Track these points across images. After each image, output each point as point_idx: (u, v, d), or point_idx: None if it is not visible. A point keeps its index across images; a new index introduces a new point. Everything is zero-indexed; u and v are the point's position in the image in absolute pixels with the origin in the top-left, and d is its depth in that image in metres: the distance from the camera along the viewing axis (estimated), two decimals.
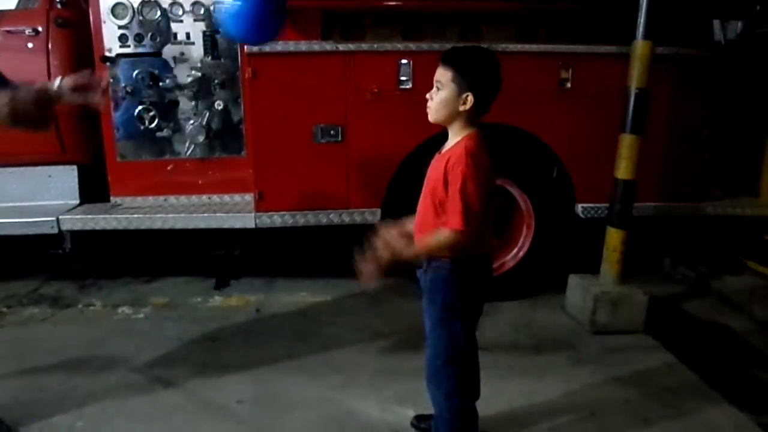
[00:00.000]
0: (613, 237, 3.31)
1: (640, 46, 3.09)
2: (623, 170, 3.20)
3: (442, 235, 1.91)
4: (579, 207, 3.63)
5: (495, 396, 2.54)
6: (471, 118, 1.96)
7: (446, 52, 1.97)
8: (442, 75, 1.93)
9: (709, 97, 3.63)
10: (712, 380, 2.84)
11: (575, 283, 3.53)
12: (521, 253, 3.72)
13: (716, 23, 3.75)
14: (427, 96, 1.98)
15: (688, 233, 4.29)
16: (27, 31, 3.61)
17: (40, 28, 3.62)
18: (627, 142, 3.17)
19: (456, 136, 1.98)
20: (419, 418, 2.45)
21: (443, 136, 2.04)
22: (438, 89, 1.94)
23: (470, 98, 1.90)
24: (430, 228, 1.99)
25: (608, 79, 3.42)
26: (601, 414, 2.58)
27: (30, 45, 3.62)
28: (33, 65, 3.62)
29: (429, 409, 2.25)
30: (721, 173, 3.90)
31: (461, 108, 1.92)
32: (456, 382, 2.09)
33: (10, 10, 3.72)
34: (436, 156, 2.05)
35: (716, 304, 3.79)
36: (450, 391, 2.09)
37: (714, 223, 3.97)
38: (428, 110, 1.99)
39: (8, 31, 3.62)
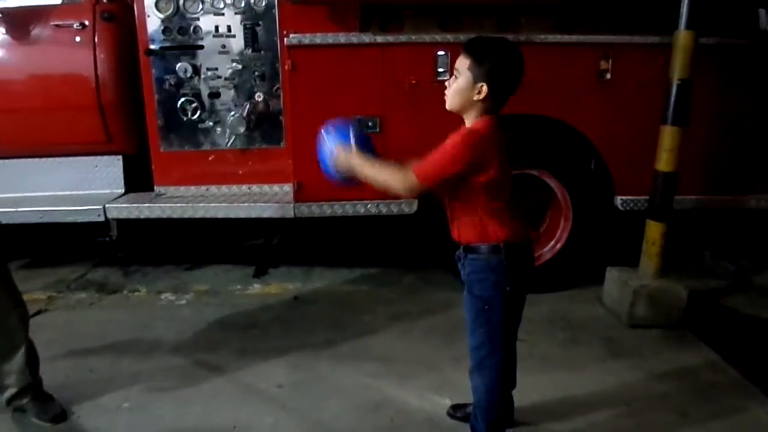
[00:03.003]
0: (653, 230, 3.27)
1: (682, 36, 3.03)
2: (664, 162, 3.16)
3: (393, 170, 1.96)
4: (618, 199, 3.59)
5: (530, 388, 2.55)
6: (486, 109, 1.95)
7: (469, 41, 1.99)
8: (461, 63, 1.94)
9: (753, 88, 3.54)
10: (753, 376, 2.79)
11: (613, 276, 3.50)
12: (559, 245, 3.71)
13: (762, 12, 3.65)
14: (446, 83, 2.00)
15: (730, 227, 4.21)
16: (75, 25, 3.71)
17: (86, 22, 3.72)
18: (668, 134, 3.12)
19: (469, 124, 1.99)
20: (455, 407, 2.48)
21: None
22: (456, 77, 1.96)
23: (485, 88, 1.90)
24: (459, 220, 2.02)
25: (649, 70, 3.37)
26: (638, 408, 2.57)
27: (77, 38, 3.73)
28: (80, 58, 3.73)
29: (465, 399, 2.28)
30: (764, 167, 3.81)
31: (475, 97, 1.92)
32: (496, 373, 2.10)
33: (58, 5, 3.83)
34: None
35: (757, 298, 3.72)
36: (491, 382, 2.10)
37: (756, 216, 3.89)
38: (446, 98, 2.00)
39: (57, 25, 3.73)
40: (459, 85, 1.94)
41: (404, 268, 4.11)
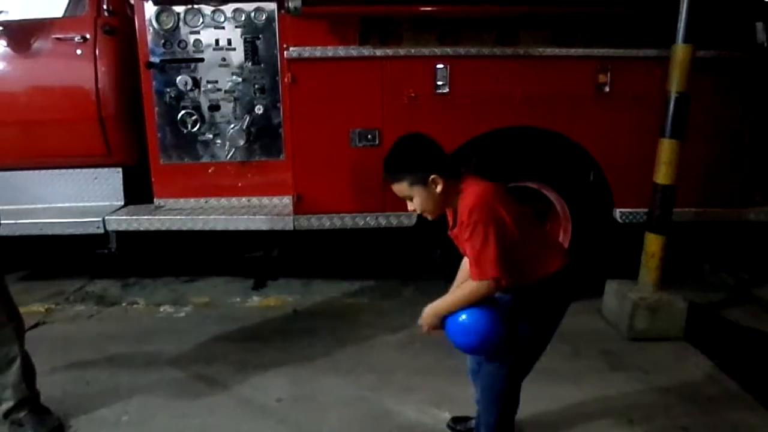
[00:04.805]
0: (652, 242, 3.27)
1: (680, 49, 3.05)
2: (663, 175, 3.17)
3: (469, 288, 1.91)
4: (617, 212, 3.60)
5: (531, 401, 2.53)
6: (453, 184, 1.94)
7: (384, 170, 1.98)
8: (400, 189, 1.95)
9: (751, 101, 3.57)
10: (753, 389, 2.79)
11: (613, 288, 3.50)
12: None
13: (759, 25, 3.67)
14: (410, 209, 2.00)
15: (729, 239, 4.21)
16: (76, 38, 3.73)
17: (88, 36, 3.74)
18: (667, 147, 3.14)
19: (458, 205, 1.95)
20: (456, 420, 2.47)
21: (480, 139, 2.04)
22: (412, 201, 1.97)
23: (436, 178, 1.90)
24: None
25: (647, 83, 3.39)
26: (638, 421, 2.56)
27: (79, 51, 3.75)
28: (81, 71, 3.75)
29: (465, 412, 2.28)
30: (763, 179, 3.82)
31: (439, 190, 1.92)
32: (513, 394, 2.13)
33: (59, 18, 3.85)
34: (451, 234, 2.04)
35: (757, 311, 3.71)
36: (505, 403, 2.13)
37: (755, 229, 3.89)
38: (425, 216, 2.01)
39: (58, 39, 3.75)
40: (421, 200, 1.95)
41: (404, 281, 4.10)
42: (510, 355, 2.04)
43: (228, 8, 3.62)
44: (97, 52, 3.75)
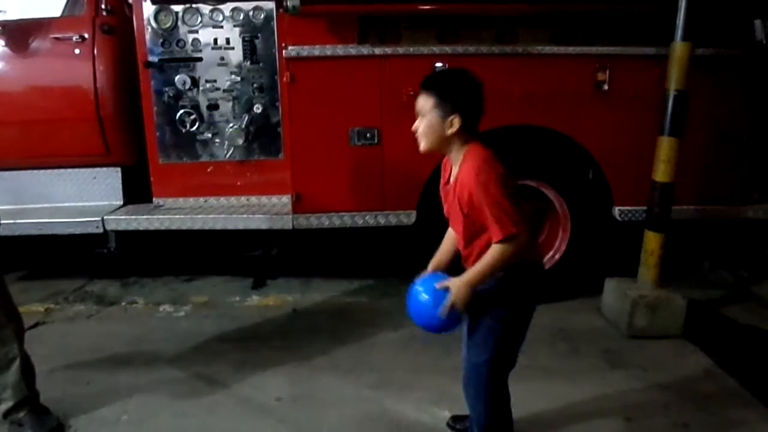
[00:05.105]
0: (651, 240, 3.28)
1: (678, 47, 3.06)
2: (661, 173, 3.17)
3: (496, 251, 1.86)
4: (616, 210, 3.60)
5: (530, 399, 2.55)
6: (464, 138, 1.94)
7: (425, 80, 1.97)
8: (424, 103, 1.93)
9: (749, 98, 3.56)
10: (752, 386, 2.79)
11: (612, 286, 3.50)
12: (557, 256, 3.71)
13: (757, 23, 3.67)
14: (413, 128, 1.98)
15: (728, 237, 4.22)
16: (74, 38, 3.73)
17: (86, 35, 3.74)
18: (665, 145, 3.14)
19: (457, 158, 1.96)
20: (455, 419, 2.48)
21: (481, 138, 2.02)
22: (422, 118, 1.94)
23: (456, 120, 1.89)
24: (479, 251, 1.96)
25: (646, 81, 3.39)
26: (637, 419, 2.56)
27: (77, 51, 3.74)
28: (79, 71, 3.75)
29: (465, 410, 2.27)
30: (761, 176, 3.81)
31: (449, 131, 1.91)
32: (497, 388, 2.10)
33: (58, 18, 3.85)
34: (444, 188, 2.04)
35: (756, 308, 3.72)
36: (490, 397, 2.10)
37: (754, 226, 3.89)
38: (419, 142, 1.98)
39: (56, 38, 3.75)
40: (429, 124, 1.93)
41: (403, 279, 4.06)
42: (489, 341, 2.03)
43: (226, 7, 3.62)
44: (95, 51, 3.75)
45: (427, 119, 1.93)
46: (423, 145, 1.97)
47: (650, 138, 3.22)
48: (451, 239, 2.15)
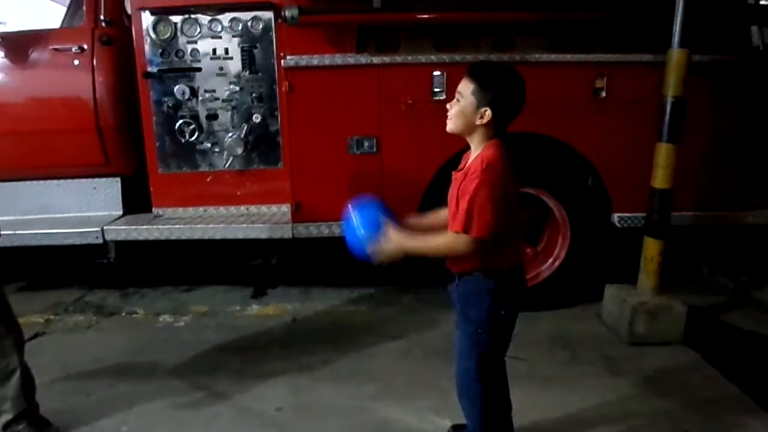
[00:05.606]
0: (651, 247, 3.28)
1: (675, 54, 3.06)
2: (660, 179, 3.18)
3: (447, 240, 1.92)
4: (615, 216, 3.60)
5: (530, 407, 2.54)
6: (489, 133, 1.96)
7: (473, 65, 2.01)
8: (465, 86, 1.96)
9: (747, 104, 3.57)
10: (753, 393, 2.78)
11: (612, 293, 3.50)
12: (557, 263, 3.71)
13: (754, 29, 3.69)
14: (447, 106, 2.02)
15: (727, 242, 4.22)
16: (73, 49, 3.74)
17: (85, 46, 3.75)
18: (663, 151, 3.15)
19: (476, 150, 2.00)
20: (456, 428, 2.46)
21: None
22: (458, 100, 1.97)
23: (488, 113, 1.92)
24: None
25: (644, 88, 3.41)
26: (639, 426, 2.56)
27: (76, 62, 3.76)
28: (79, 81, 3.77)
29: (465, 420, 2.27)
30: (760, 182, 3.82)
31: (478, 122, 1.94)
32: (490, 396, 2.10)
33: (57, 29, 3.86)
34: (455, 175, 2.06)
35: (756, 314, 3.71)
36: (484, 405, 2.10)
37: (753, 232, 3.89)
38: (447, 121, 2.01)
39: (56, 49, 3.76)
40: (462, 108, 1.96)
41: (402, 288, 4.10)
42: (473, 346, 2.04)
43: (225, 18, 3.63)
44: (94, 62, 3.76)
45: (462, 103, 1.96)
46: (450, 126, 2.01)
47: (649, 144, 3.23)
48: (437, 218, 2.16)
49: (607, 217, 3.64)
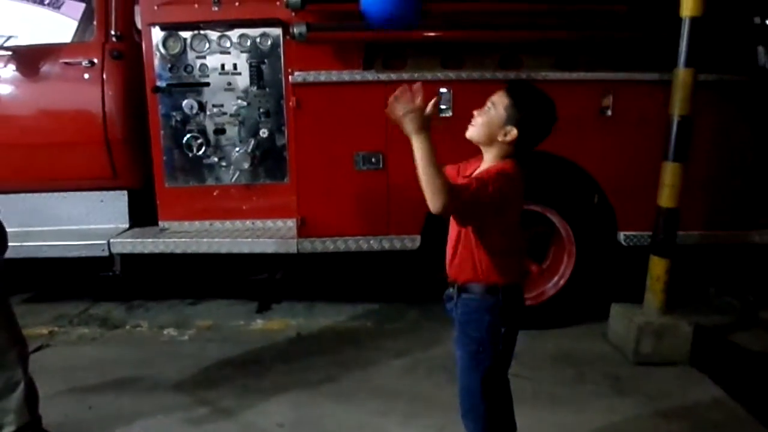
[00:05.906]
0: (657, 266, 3.26)
1: (682, 73, 3.07)
2: (666, 198, 3.17)
3: (443, 179, 1.76)
4: (621, 235, 3.59)
5: (535, 427, 2.51)
6: (508, 153, 1.94)
7: (514, 82, 2.01)
8: (499, 99, 1.93)
9: (754, 123, 3.57)
10: (761, 414, 2.75)
11: (618, 312, 3.48)
12: (562, 282, 3.70)
13: (760, 49, 3.70)
14: (475, 113, 1.98)
15: (734, 262, 4.19)
16: (84, 63, 3.78)
17: (95, 60, 3.79)
18: (670, 170, 3.14)
19: (489, 161, 1.97)
20: None
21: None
22: (489, 109, 1.94)
23: (513, 133, 1.90)
24: (461, 258, 1.99)
25: (650, 107, 3.40)
26: None
27: (86, 76, 3.79)
28: (88, 95, 3.80)
29: None
30: (767, 201, 3.80)
31: (500, 138, 1.92)
32: (494, 415, 2.08)
33: (68, 43, 3.90)
34: (461, 178, 2.02)
35: (764, 334, 3.68)
36: (488, 425, 2.08)
37: (760, 251, 3.87)
38: (470, 126, 1.97)
39: (66, 63, 3.80)
40: (490, 119, 1.93)
41: (408, 304, 4.09)
42: (475, 364, 2.02)
43: (234, 34, 3.66)
44: (104, 76, 3.79)
45: (491, 113, 1.93)
46: (471, 132, 1.97)
47: (655, 163, 3.22)
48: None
49: (612, 236, 3.63)
